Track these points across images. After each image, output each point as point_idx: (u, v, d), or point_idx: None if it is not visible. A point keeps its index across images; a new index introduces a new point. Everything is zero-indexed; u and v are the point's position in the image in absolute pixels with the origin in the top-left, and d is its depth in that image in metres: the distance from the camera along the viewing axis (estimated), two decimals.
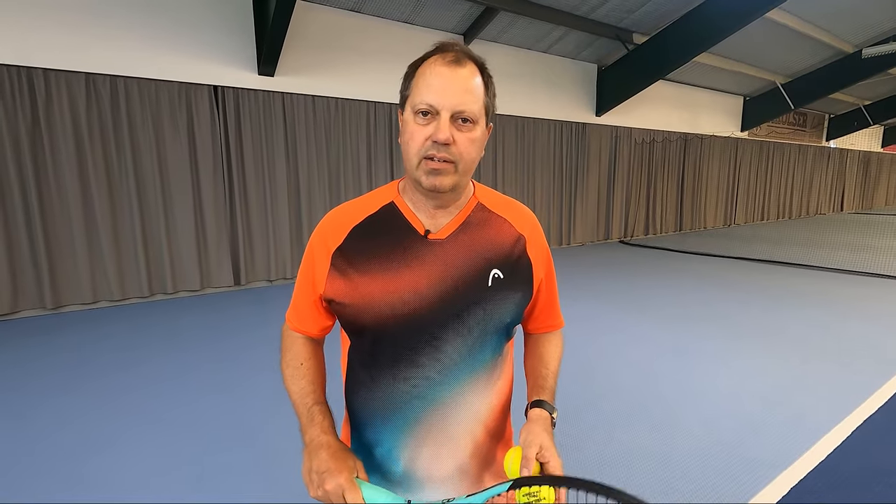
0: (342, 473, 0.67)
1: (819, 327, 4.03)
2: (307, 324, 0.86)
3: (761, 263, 6.91)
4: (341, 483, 0.66)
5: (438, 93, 0.71)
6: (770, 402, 2.72)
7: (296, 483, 1.97)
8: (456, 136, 0.72)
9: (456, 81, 0.72)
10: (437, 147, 0.72)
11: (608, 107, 8.34)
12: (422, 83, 0.72)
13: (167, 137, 4.75)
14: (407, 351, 0.77)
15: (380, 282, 0.77)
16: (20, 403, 2.68)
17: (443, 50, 0.74)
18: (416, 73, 0.74)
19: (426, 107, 0.71)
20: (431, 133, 0.71)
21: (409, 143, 0.74)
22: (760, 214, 13.00)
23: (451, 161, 0.73)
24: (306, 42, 5.35)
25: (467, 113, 0.72)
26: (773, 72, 10.01)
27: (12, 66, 3.98)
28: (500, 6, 5.86)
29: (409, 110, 0.74)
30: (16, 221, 4.16)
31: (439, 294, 0.77)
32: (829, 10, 7.50)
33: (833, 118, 14.37)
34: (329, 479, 0.66)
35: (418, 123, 0.73)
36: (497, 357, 0.83)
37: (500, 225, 0.84)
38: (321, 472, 0.68)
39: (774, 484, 1.99)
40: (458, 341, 0.77)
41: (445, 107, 0.71)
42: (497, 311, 0.80)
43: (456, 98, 0.71)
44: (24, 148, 4.11)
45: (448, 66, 0.72)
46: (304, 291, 0.84)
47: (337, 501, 0.66)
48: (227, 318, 4.29)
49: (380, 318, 0.76)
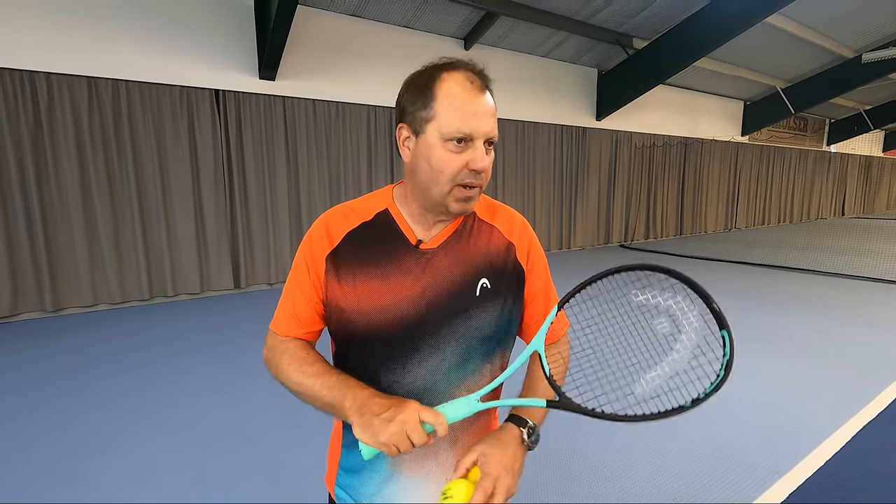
0: (408, 403, 0.67)
1: (820, 332, 4.02)
2: (304, 326, 0.83)
3: (762, 268, 6.91)
4: (415, 408, 0.66)
5: (476, 120, 0.71)
6: (770, 406, 2.71)
7: (297, 484, 1.97)
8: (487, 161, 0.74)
9: (488, 107, 0.72)
10: (474, 175, 0.72)
11: (608, 111, 8.37)
12: (453, 109, 0.70)
13: (168, 141, 4.77)
14: (395, 359, 0.77)
15: (370, 290, 0.77)
16: (21, 406, 2.68)
17: (461, 68, 0.73)
18: (438, 94, 0.71)
19: (463, 135, 0.70)
20: (467, 161, 0.71)
21: (443, 172, 0.72)
22: (761, 219, 13.00)
23: (480, 185, 0.75)
24: (307, 46, 5.38)
25: (495, 137, 0.73)
26: (774, 76, 10.04)
27: (15, 70, 4.01)
28: (500, 11, 5.89)
29: (434, 135, 0.71)
30: (17, 224, 4.17)
31: (428, 303, 0.77)
32: (828, 15, 7.53)
33: (834, 123, 14.39)
34: (399, 411, 0.66)
35: (451, 151, 0.71)
36: (486, 366, 0.82)
37: (490, 233, 0.84)
38: (384, 412, 0.66)
39: (774, 489, 1.98)
40: (446, 350, 0.78)
41: (482, 134, 0.71)
42: (484, 320, 0.80)
43: (489, 125, 0.72)
44: (26, 151, 4.14)
45: (479, 90, 0.72)
46: (302, 293, 0.81)
47: (415, 430, 0.65)
48: (227, 322, 4.29)
49: (369, 327, 0.77)
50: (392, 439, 0.64)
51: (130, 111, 4.55)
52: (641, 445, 2.30)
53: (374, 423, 0.66)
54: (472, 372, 0.80)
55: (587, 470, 2.11)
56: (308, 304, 0.81)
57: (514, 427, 0.75)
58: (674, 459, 2.19)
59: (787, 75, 10.06)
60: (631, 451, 2.26)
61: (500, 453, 0.71)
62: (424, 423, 0.66)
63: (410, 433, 0.65)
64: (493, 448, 0.71)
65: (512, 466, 0.71)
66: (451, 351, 0.78)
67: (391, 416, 0.65)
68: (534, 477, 2.05)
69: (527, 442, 0.75)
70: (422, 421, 0.66)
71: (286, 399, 2.69)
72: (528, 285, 0.86)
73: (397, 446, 0.64)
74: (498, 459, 0.70)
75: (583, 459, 2.19)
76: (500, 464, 0.70)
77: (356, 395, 0.70)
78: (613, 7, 6.46)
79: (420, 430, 0.65)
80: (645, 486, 2.00)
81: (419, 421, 0.65)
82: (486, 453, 0.71)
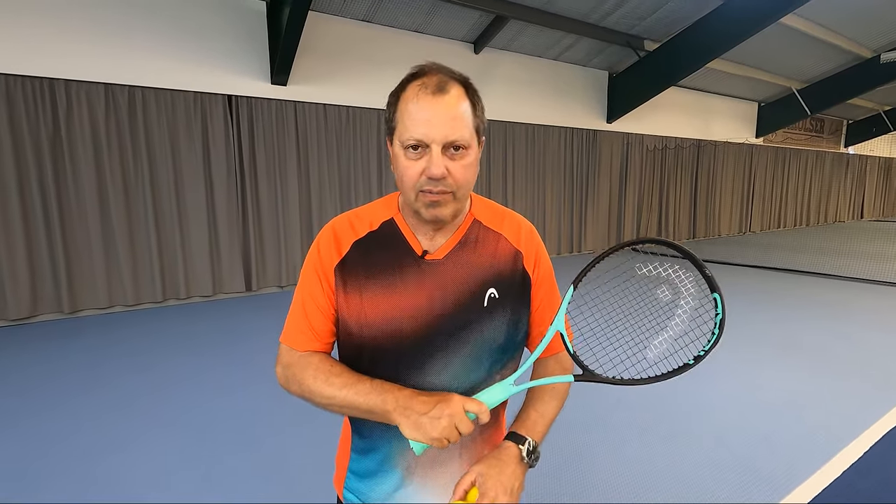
0: (451, 396, 0.69)
1: (838, 338, 3.92)
2: (319, 340, 0.81)
3: (778, 272, 6.78)
4: (458, 401, 0.68)
5: (427, 126, 0.68)
6: (785, 414, 2.65)
7: (306, 485, 1.98)
8: (450, 166, 0.70)
9: (442, 110, 0.69)
10: (432, 182, 0.70)
11: (619, 114, 8.31)
12: (406, 116, 0.70)
13: (182, 146, 4.85)
14: (403, 372, 0.77)
15: (377, 302, 0.77)
16: (39, 404, 2.74)
17: (422, 75, 0.71)
18: (399, 103, 0.71)
19: (415, 142, 0.69)
20: (424, 168, 0.70)
21: (403, 179, 0.72)
22: (777, 222, 12.77)
23: (448, 192, 0.72)
24: (318, 52, 5.44)
25: (459, 141, 0.70)
26: (789, 77, 9.87)
27: (35, 77, 4.12)
28: (510, 15, 5.89)
29: (397, 144, 0.72)
30: (36, 228, 4.27)
31: (435, 315, 0.77)
32: (845, 14, 7.39)
33: (851, 124, 14.10)
34: (444, 406, 0.68)
35: (409, 158, 0.70)
36: (496, 376, 0.81)
37: (497, 241, 0.83)
38: (431, 409, 0.68)
39: (789, 498, 1.93)
40: (455, 361, 0.77)
41: (436, 139, 0.69)
42: (493, 331, 0.79)
43: (445, 129, 0.69)
44: (45, 156, 4.24)
45: (432, 95, 0.69)
46: (315, 305, 0.80)
47: (463, 421, 0.67)
48: (238, 324, 4.34)
49: (377, 339, 0.76)
50: (444, 433, 0.67)
51: (146, 117, 4.64)
52: (654, 452, 2.27)
53: (424, 421, 0.67)
54: (482, 383, 0.79)
55: (598, 477, 2.09)
56: (323, 316, 0.80)
57: (512, 445, 0.75)
58: (687, 467, 2.16)
59: (802, 76, 9.89)
60: (643, 458, 2.23)
61: (499, 473, 0.71)
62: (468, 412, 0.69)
63: (459, 425, 0.67)
64: (491, 468, 0.71)
65: (511, 486, 0.71)
66: (461, 362, 0.78)
67: (439, 413, 0.67)
68: (546, 484, 2.03)
69: (526, 460, 0.74)
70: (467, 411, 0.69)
71: (296, 400, 2.71)
72: (534, 293, 0.86)
73: (448, 439, 0.67)
74: (496, 479, 0.70)
75: (594, 466, 2.17)
76: (498, 484, 0.70)
77: (397, 397, 0.71)
78: (624, 9, 6.42)
79: (467, 420, 0.68)
80: (658, 495, 1.97)
81: (464, 413, 0.68)
82: (484, 473, 0.71)
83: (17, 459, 2.21)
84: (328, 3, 5.30)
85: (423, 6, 5.67)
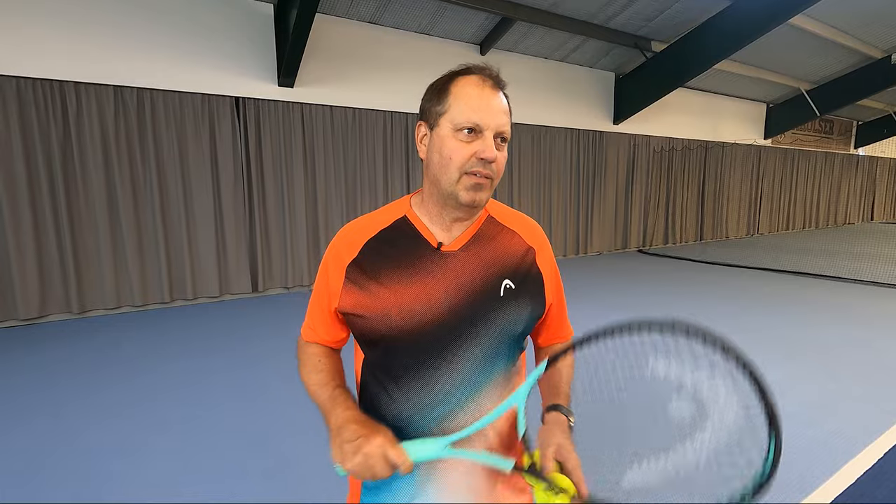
0: (377, 435, 0.68)
1: (851, 342, 3.87)
2: (322, 336, 0.88)
3: (788, 275, 6.71)
4: (380, 443, 0.66)
5: (485, 112, 0.74)
6: (799, 420, 2.61)
7: (315, 487, 1.98)
8: (497, 154, 0.76)
9: (498, 103, 0.76)
10: (482, 164, 0.75)
11: (626, 115, 8.27)
12: (464, 101, 0.75)
13: (190, 147, 4.88)
14: (421, 362, 0.78)
15: (394, 294, 0.78)
16: (47, 404, 2.76)
17: (480, 72, 0.77)
18: (452, 91, 0.76)
19: (472, 125, 0.74)
20: (477, 150, 0.74)
21: (452, 159, 0.75)
22: (785, 224, 12.65)
23: (490, 177, 0.76)
24: (325, 54, 5.46)
25: (506, 134, 0.77)
26: (798, 78, 9.79)
27: (46, 80, 4.16)
28: (516, 17, 5.89)
29: (447, 126, 0.76)
30: (46, 229, 4.31)
31: (452, 305, 0.78)
32: (855, 14, 7.31)
33: (861, 125, 13.95)
34: (365, 443, 0.67)
35: (461, 140, 0.75)
36: (511, 367, 0.84)
37: (511, 237, 0.86)
38: (354, 440, 0.67)
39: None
40: (473, 352, 0.78)
41: (490, 126, 0.74)
42: (510, 321, 0.81)
43: (499, 118, 0.75)
44: (55, 157, 4.28)
45: (492, 88, 0.76)
46: (320, 305, 0.86)
47: (378, 464, 0.65)
48: (245, 325, 4.35)
49: (393, 330, 0.77)
50: (355, 469, 0.66)
51: (154, 118, 4.68)
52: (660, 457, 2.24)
53: (345, 448, 0.68)
54: (498, 372, 0.81)
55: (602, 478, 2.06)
56: (322, 314, 0.86)
57: (562, 416, 0.77)
58: (693, 473, 2.13)
59: (811, 77, 9.80)
60: None
61: (569, 443, 0.72)
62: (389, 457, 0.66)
63: (373, 465, 0.66)
64: (566, 440, 0.72)
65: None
66: (480, 351, 0.79)
67: (356, 449, 0.67)
68: None
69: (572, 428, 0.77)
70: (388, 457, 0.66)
71: (304, 402, 2.71)
72: (546, 290, 0.88)
73: (360, 475, 0.66)
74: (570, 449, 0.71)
75: (599, 469, 2.14)
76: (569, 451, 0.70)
77: (336, 417, 0.73)
78: (631, 10, 6.39)
79: (382, 464, 0.66)
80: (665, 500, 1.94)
81: (383, 456, 0.66)
82: (563, 445, 0.70)
83: (25, 458, 2.22)
84: (335, 5, 5.32)
85: (430, 8, 5.67)
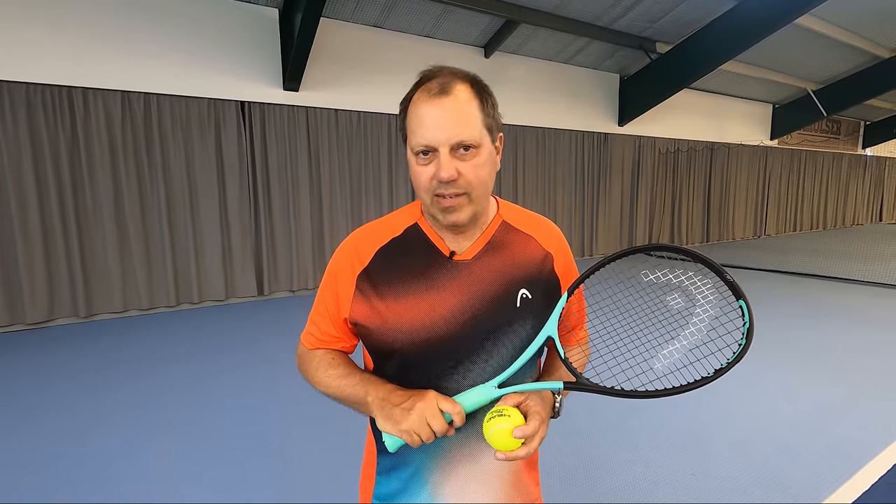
0: (427, 392, 0.69)
1: (864, 346, 3.82)
2: (323, 344, 0.84)
3: (796, 276, 6.64)
4: (432, 397, 0.67)
5: (431, 130, 0.69)
6: (811, 425, 2.58)
7: (322, 489, 1.97)
8: (460, 167, 0.70)
9: (446, 113, 0.69)
10: (443, 186, 0.70)
11: (631, 117, 8.24)
12: (414, 122, 0.71)
13: (196, 151, 4.91)
14: (435, 375, 0.75)
15: (407, 305, 0.75)
16: (55, 406, 2.77)
17: (426, 80, 0.72)
18: (408, 111, 0.73)
19: (423, 147, 0.70)
20: (434, 172, 0.70)
21: (418, 185, 0.73)
22: (792, 225, 12.55)
23: (462, 193, 0.71)
24: (330, 57, 5.48)
25: (467, 141, 0.69)
26: (804, 79, 9.72)
27: (54, 86, 4.20)
28: (520, 19, 5.88)
29: (409, 151, 0.73)
30: (54, 233, 4.34)
31: (467, 316, 0.75)
32: (861, 14, 7.25)
33: (869, 125, 13.83)
34: (416, 399, 0.67)
35: (420, 164, 0.72)
36: (527, 378, 0.80)
37: (526, 242, 0.83)
38: (405, 402, 0.68)
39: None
40: (490, 362, 0.76)
41: (441, 142, 0.69)
42: (526, 332, 0.77)
43: (450, 131, 0.69)
44: (62, 162, 4.31)
45: (434, 98, 0.69)
46: (327, 312, 0.82)
47: (433, 418, 0.66)
48: (250, 328, 4.36)
49: (407, 343, 0.75)
50: (413, 426, 0.66)
51: (161, 123, 4.71)
52: (671, 462, 2.22)
53: (395, 412, 0.68)
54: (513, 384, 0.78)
55: (611, 486, 2.04)
56: (329, 323, 0.82)
57: (549, 393, 0.76)
58: (706, 478, 2.10)
59: (818, 77, 9.72)
60: (659, 468, 2.18)
61: (542, 408, 0.72)
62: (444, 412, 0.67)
63: (430, 420, 0.66)
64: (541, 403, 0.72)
65: (547, 420, 0.72)
66: (495, 363, 0.76)
67: (410, 405, 0.67)
68: (558, 489, 1.99)
69: (557, 408, 0.75)
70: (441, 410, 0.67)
71: (310, 404, 2.71)
72: None
73: (418, 434, 0.66)
74: (541, 408, 0.71)
75: (607, 475, 2.12)
76: (543, 411, 0.71)
77: (378, 390, 0.73)
78: (636, 12, 6.37)
79: (439, 417, 0.66)
80: None
81: (438, 409, 0.67)
82: (534, 400, 0.71)
83: (32, 459, 2.23)
84: (339, 9, 5.34)
85: (434, 11, 5.68)
